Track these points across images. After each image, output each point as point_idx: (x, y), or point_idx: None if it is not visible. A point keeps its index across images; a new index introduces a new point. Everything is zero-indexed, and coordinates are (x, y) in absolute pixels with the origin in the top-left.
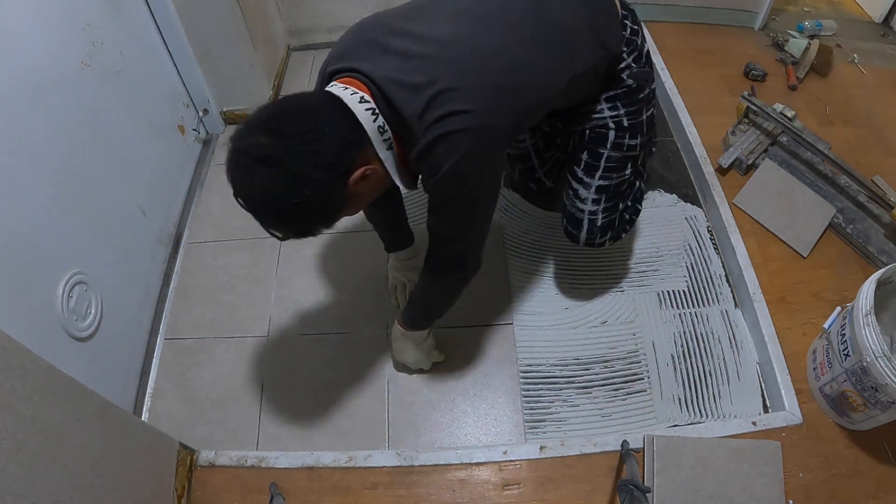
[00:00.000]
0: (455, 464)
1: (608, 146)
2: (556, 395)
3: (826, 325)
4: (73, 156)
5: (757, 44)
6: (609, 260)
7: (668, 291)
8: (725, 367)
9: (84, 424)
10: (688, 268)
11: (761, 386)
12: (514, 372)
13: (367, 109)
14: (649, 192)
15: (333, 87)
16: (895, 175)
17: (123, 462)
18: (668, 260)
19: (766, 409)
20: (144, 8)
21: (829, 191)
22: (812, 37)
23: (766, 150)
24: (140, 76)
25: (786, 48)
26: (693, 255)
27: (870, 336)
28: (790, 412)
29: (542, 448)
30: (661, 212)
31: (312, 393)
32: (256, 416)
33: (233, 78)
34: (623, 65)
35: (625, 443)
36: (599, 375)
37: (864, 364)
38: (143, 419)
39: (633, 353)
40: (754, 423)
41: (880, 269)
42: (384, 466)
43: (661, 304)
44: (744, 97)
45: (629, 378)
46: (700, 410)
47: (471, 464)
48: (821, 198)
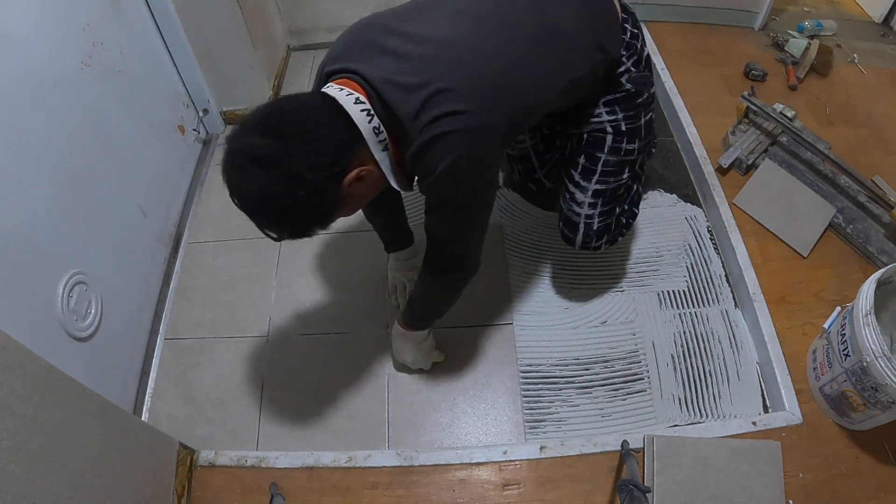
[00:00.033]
0: (455, 464)
1: (605, 150)
2: (556, 395)
3: (826, 325)
4: (73, 156)
5: (757, 44)
6: (609, 260)
7: (668, 291)
8: (725, 367)
9: (84, 424)
10: (688, 268)
11: (761, 386)
12: (514, 372)
13: (363, 110)
14: (649, 192)
15: (329, 89)
16: (895, 175)
17: (123, 462)
18: (668, 260)
19: (766, 409)
20: (144, 8)
21: (829, 191)
22: (812, 37)
23: (766, 150)
24: (140, 76)
25: (786, 48)
26: (693, 255)
27: (870, 336)
28: (790, 412)
29: (542, 448)
30: (661, 212)
31: (312, 393)
32: (256, 416)
33: (233, 78)
34: (622, 69)
35: (625, 443)
36: (599, 375)
37: (864, 364)
38: (143, 419)
39: (633, 353)
40: (754, 423)
41: (880, 269)
42: (384, 466)
43: (661, 304)
44: (744, 97)
45: (629, 378)
46: (700, 410)
47: (471, 464)
48: (821, 198)
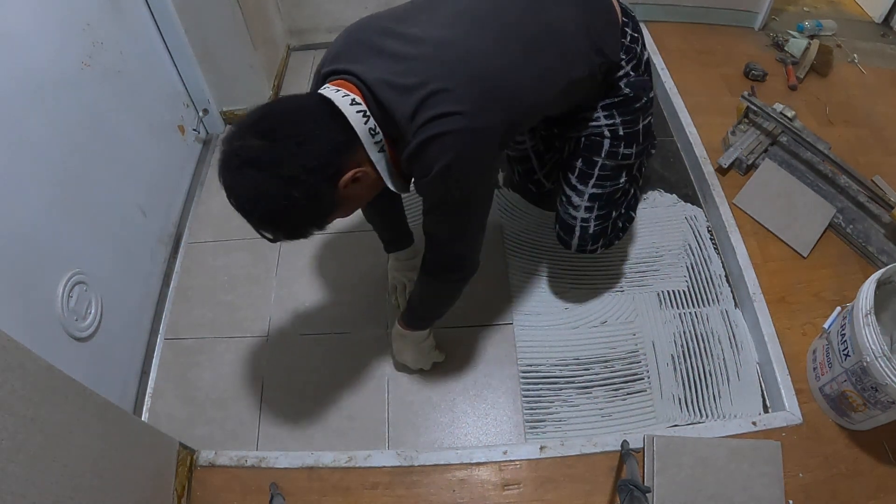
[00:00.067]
0: (455, 464)
1: (603, 154)
2: (556, 395)
3: (826, 325)
4: (73, 156)
5: (757, 44)
6: (609, 260)
7: (668, 291)
8: (725, 367)
9: (84, 424)
10: (688, 268)
11: (761, 386)
12: (514, 372)
13: (359, 112)
14: (649, 192)
15: (325, 90)
16: (895, 175)
17: (123, 462)
18: (668, 260)
19: (766, 409)
20: (144, 8)
21: (829, 191)
22: (812, 37)
23: (766, 150)
24: (140, 76)
25: (786, 48)
26: (693, 255)
27: (870, 336)
28: (790, 412)
29: (542, 448)
30: (661, 212)
31: (312, 393)
32: (256, 416)
33: (233, 78)
34: (621, 73)
35: (625, 443)
36: (599, 375)
37: (864, 364)
38: (143, 419)
39: (633, 353)
40: (754, 423)
41: (880, 269)
42: (384, 466)
43: (661, 304)
44: (744, 97)
45: (629, 378)
46: (700, 410)
47: (471, 464)
48: (821, 198)
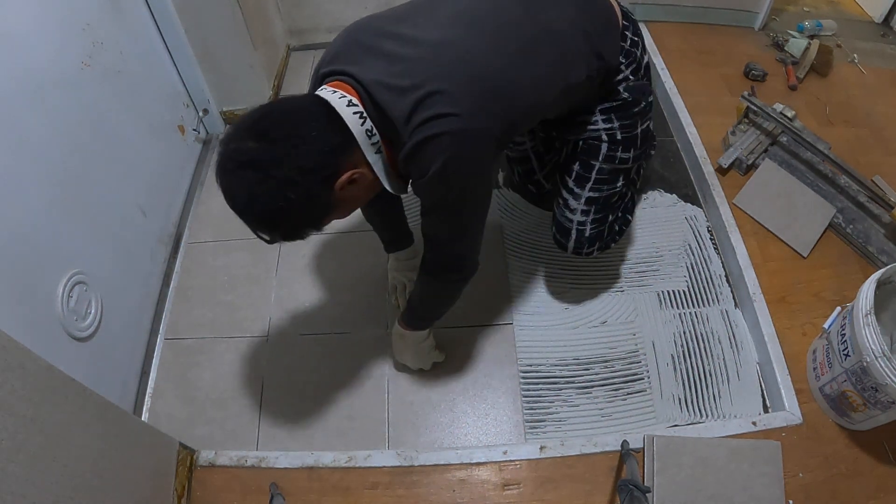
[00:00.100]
0: (455, 464)
1: (600, 158)
2: (556, 395)
3: (826, 325)
4: (73, 156)
5: (757, 44)
6: (609, 260)
7: (668, 291)
8: (725, 367)
9: (84, 424)
10: (688, 268)
11: (761, 386)
12: (514, 372)
13: (355, 113)
14: (649, 192)
15: (322, 91)
16: (895, 175)
17: (123, 462)
18: (668, 260)
19: (766, 409)
20: (144, 8)
21: (829, 191)
22: (812, 37)
23: (766, 150)
24: (140, 76)
25: (786, 48)
26: (693, 255)
27: (870, 336)
28: (790, 412)
29: (542, 448)
30: (661, 212)
31: (312, 393)
32: (256, 416)
33: (233, 78)
34: (620, 77)
35: (625, 443)
36: (599, 375)
37: (864, 364)
38: (143, 419)
39: (633, 353)
40: (754, 423)
41: (880, 269)
42: (384, 466)
43: (661, 304)
44: (744, 97)
45: (629, 378)
46: (700, 410)
47: (471, 464)
48: (821, 198)
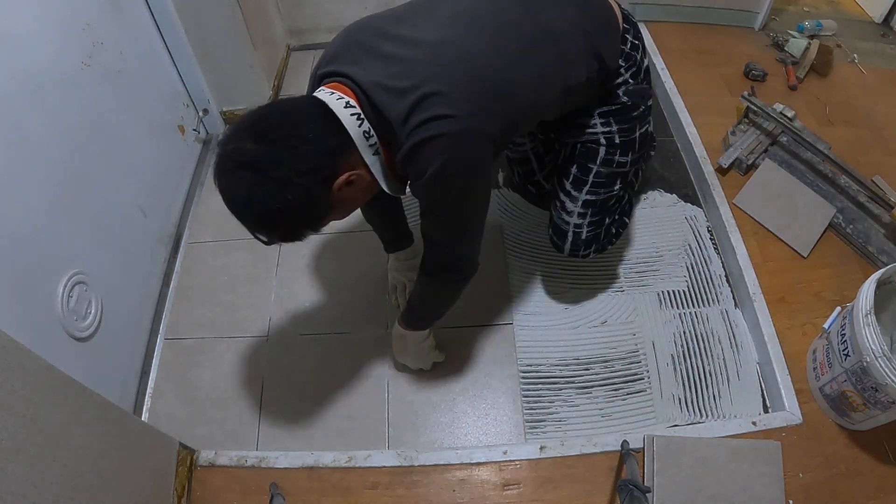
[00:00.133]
0: (455, 464)
1: (598, 162)
2: (556, 395)
3: (826, 325)
4: (73, 156)
5: (757, 44)
6: (609, 260)
7: (668, 291)
8: (725, 367)
9: (84, 424)
10: (688, 268)
11: (761, 386)
12: (514, 372)
13: (353, 115)
14: (649, 192)
15: (320, 93)
16: (895, 175)
17: (123, 462)
18: (668, 260)
19: (766, 409)
20: (144, 8)
21: (829, 191)
22: (812, 37)
23: (766, 150)
24: (140, 76)
25: (786, 48)
26: (693, 255)
27: (870, 336)
28: (790, 412)
29: (542, 448)
30: (661, 212)
31: (312, 393)
32: (256, 416)
33: (233, 78)
34: (620, 80)
35: (625, 443)
36: (599, 375)
37: (864, 364)
38: (143, 419)
39: (633, 353)
40: (754, 423)
41: (880, 269)
42: (384, 466)
43: (661, 304)
44: (744, 97)
45: (629, 378)
46: (700, 410)
47: (471, 464)
48: (821, 198)
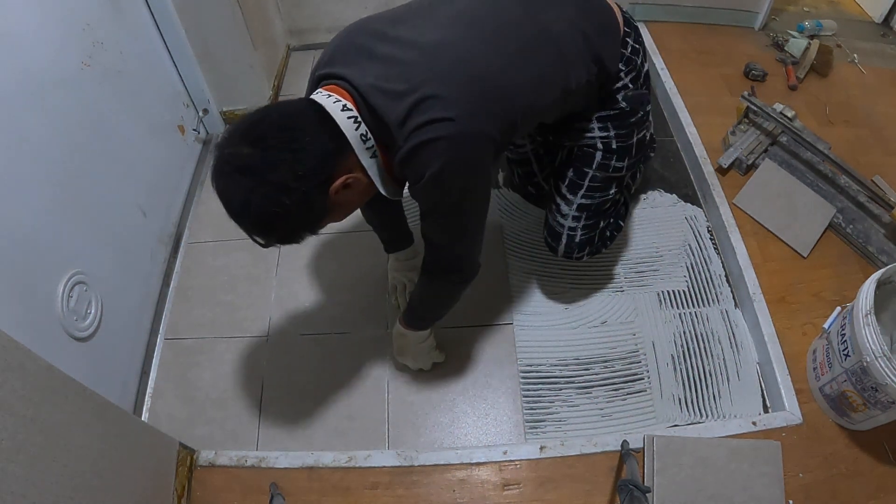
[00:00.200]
0: (455, 464)
1: (594, 166)
2: (556, 395)
3: (826, 325)
4: (73, 156)
5: (757, 44)
6: (609, 260)
7: (668, 291)
8: (725, 367)
9: (84, 424)
10: (688, 268)
11: (761, 386)
12: (514, 372)
13: (350, 118)
14: (649, 192)
15: (317, 95)
16: (895, 175)
17: (123, 462)
18: (668, 260)
19: (766, 409)
20: (144, 8)
21: (829, 191)
22: (812, 37)
23: (766, 150)
24: (140, 76)
25: (786, 48)
26: (693, 255)
27: (870, 336)
28: (790, 412)
29: (542, 448)
30: (661, 212)
31: (312, 393)
32: (256, 416)
33: (233, 78)
34: (619, 84)
35: (625, 443)
36: (599, 375)
37: (864, 364)
38: (143, 419)
39: (633, 353)
40: (754, 423)
41: (880, 269)
42: (384, 466)
43: (661, 304)
44: (744, 97)
45: (629, 378)
46: (700, 410)
47: (471, 464)
48: (821, 198)
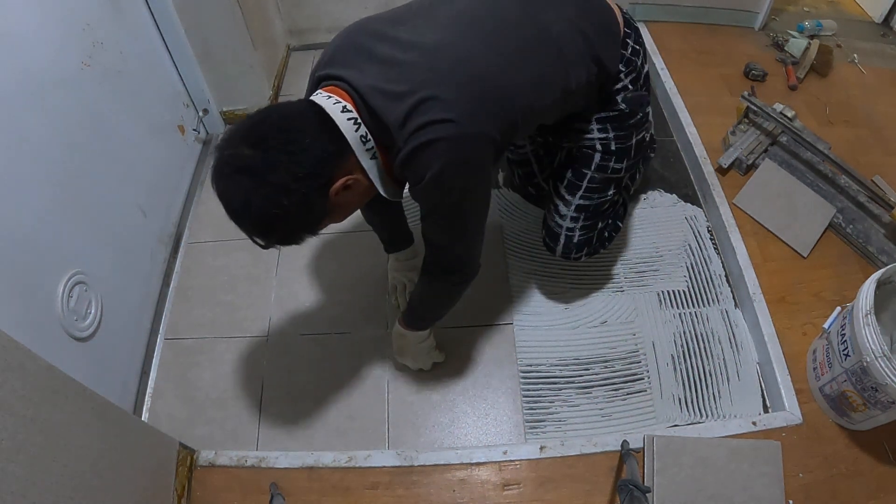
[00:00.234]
0: (455, 464)
1: (592, 168)
2: (556, 395)
3: (826, 325)
4: (73, 156)
5: (757, 44)
6: (609, 260)
7: (668, 291)
8: (725, 367)
9: (84, 424)
10: (688, 268)
11: (761, 386)
12: (514, 372)
13: (349, 119)
14: (649, 192)
15: (317, 97)
16: (895, 175)
17: (123, 462)
18: (668, 260)
19: (766, 409)
20: (144, 8)
21: (829, 191)
22: (812, 37)
23: (766, 150)
24: (140, 76)
25: (786, 48)
26: (693, 255)
27: (870, 336)
28: (790, 412)
29: (542, 448)
30: (661, 212)
31: (312, 393)
32: (256, 416)
33: (233, 78)
34: (619, 86)
35: (625, 443)
36: (599, 375)
37: (864, 364)
38: (143, 419)
39: (633, 353)
40: (754, 423)
41: (880, 269)
42: (384, 466)
43: (661, 304)
44: (744, 97)
45: (629, 378)
46: (700, 410)
47: (471, 464)
48: (821, 198)
